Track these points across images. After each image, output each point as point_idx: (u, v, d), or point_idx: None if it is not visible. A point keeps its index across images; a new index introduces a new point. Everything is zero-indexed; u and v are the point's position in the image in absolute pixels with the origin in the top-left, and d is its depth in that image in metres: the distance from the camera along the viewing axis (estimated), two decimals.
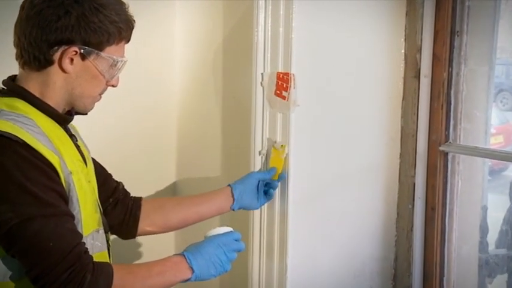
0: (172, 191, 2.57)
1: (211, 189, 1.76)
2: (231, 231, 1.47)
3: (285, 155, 1.76)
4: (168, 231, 1.75)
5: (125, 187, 1.72)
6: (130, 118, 2.43)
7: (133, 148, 2.45)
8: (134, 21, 1.41)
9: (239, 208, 1.74)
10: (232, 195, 1.70)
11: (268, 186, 1.77)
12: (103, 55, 1.35)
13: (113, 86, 1.45)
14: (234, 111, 2.19)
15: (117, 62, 1.38)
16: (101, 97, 1.45)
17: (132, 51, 1.49)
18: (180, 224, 1.72)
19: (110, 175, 1.68)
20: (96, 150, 1.61)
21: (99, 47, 1.35)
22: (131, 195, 1.70)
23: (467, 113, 1.91)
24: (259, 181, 1.75)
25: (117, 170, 1.71)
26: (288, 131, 1.82)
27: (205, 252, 1.40)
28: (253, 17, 1.83)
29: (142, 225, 1.66)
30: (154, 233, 1.70)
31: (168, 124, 2.54)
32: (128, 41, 1.43)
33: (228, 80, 2.23)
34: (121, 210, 1.65)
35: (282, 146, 1.76)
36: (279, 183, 1.80)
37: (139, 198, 1.70)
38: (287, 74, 1.79)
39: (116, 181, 1.70)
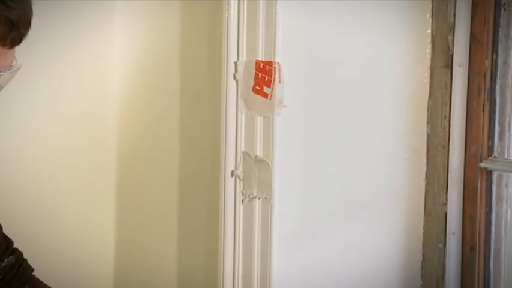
0: (112, 230, 2.52)
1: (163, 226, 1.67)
2: None
3: None
4: None
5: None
6: (55, 127, 2.38)
7: (58, 165, 2.38)
8: (26, 15, 1.24)
9: None
10: None
11: None
12: None
13: None
14: (196, 115, 2.13)
15: None
16: None
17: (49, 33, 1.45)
18: None
19: None
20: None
21: None
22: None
23: None
24: None
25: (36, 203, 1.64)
26: (272, 142, 1.75)
27: None
28: None
29: None
30: None
31: (105, 134, 2.49)
32: (8, 44, 1.23)
33: (189, 71, 2.16)
34: None
35: None
36: None
37: None
38: (270, 63, 1.73)
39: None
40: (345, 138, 1.88)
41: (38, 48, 2.12)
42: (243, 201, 1.82)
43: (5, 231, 1.58)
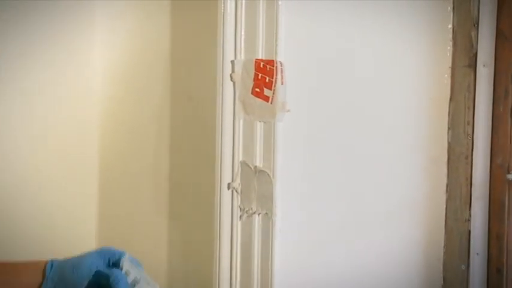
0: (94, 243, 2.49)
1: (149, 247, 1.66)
2: None
3: None
4: None
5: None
6: (31, 135, 2.35)
7: (38, 168, 2.35)
8: None
9: None
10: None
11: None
12: None
13: None
14: (189, 120, 2.10)
15: None
16: None
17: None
18: None
19: None
20: None
21: None
22: None
23: None
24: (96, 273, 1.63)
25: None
26: (273, 151, 1.73)
27: None
28: None
29: None
30: None
31: (87, 140, 2.48)
32: None
33: (180, 71, 2.13)
34: None
35: None
36: None
37: None
38: (271, 62, 1.70)
39: None
40: (355, 146, 1.87)
41: (18, 50, 2.13)
42: (241, 217, 1.78)
43: None
